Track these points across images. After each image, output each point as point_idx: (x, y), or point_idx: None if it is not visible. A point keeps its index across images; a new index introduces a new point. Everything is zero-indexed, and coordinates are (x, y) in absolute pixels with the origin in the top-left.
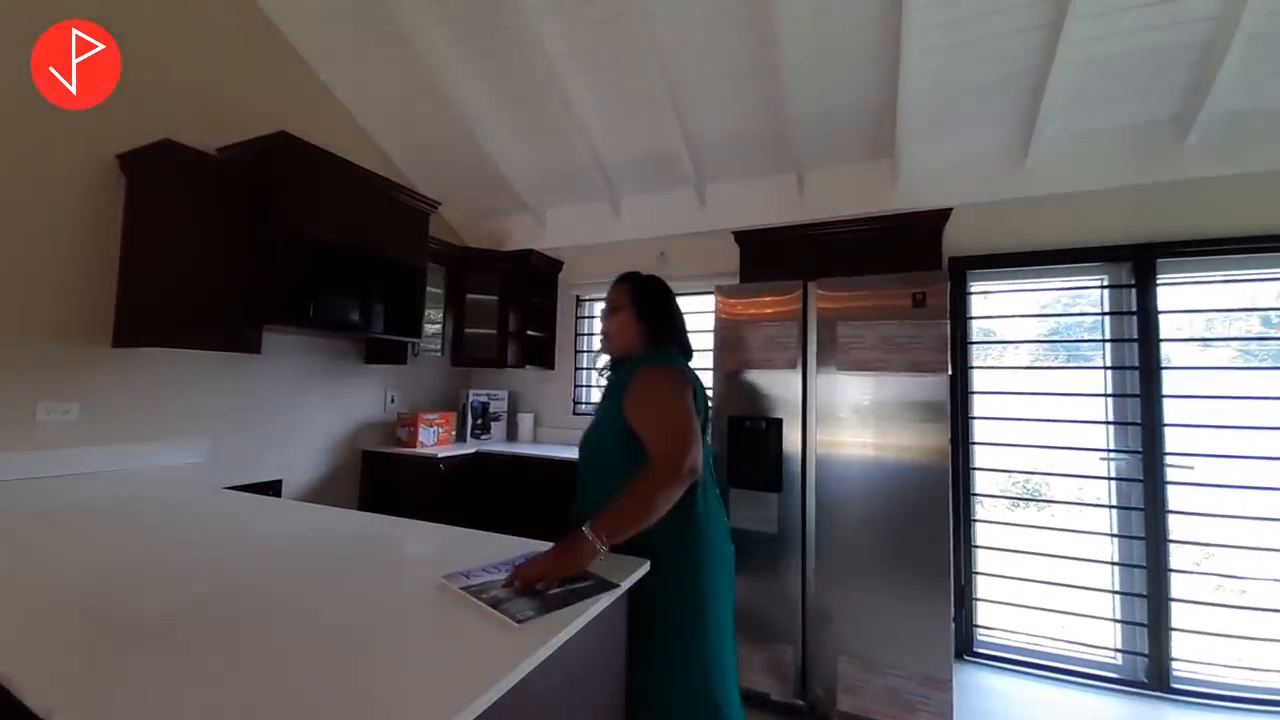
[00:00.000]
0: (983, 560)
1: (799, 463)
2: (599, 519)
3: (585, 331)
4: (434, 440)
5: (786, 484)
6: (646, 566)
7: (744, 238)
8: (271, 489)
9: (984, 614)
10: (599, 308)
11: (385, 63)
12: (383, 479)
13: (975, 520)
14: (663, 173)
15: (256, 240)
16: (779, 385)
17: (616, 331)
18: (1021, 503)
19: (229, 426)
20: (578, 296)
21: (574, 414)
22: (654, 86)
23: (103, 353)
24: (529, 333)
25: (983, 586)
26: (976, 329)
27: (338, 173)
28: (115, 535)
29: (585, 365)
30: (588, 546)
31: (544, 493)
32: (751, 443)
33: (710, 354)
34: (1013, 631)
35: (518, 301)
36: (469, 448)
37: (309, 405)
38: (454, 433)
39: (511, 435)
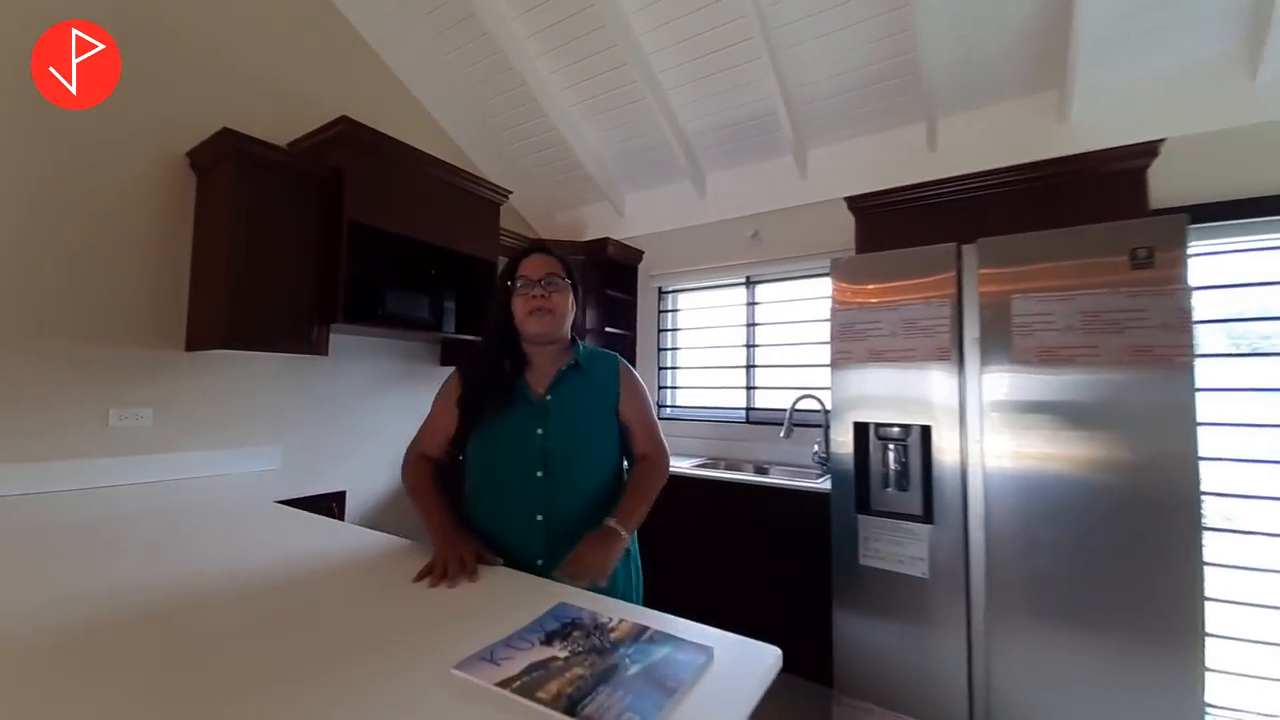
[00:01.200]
0: (1215, 616)
1: (958, 484)
2: (626, 513)
3: (669, 326)
4: None
5: (940, 512)
6: (779, 661)
7: (860, 205)
8: (335, 500)
9: (1216, 688)
10: (683, 300)
11: (452, 44)
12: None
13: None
14: (755, 141)
15: (321, 234)
16: (925, 382)
17: (567, 311)
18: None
19: (299, 433)
20: (660, 288)
21: (659, 418)
22: (745, 32)
23: (176, 357)
24: (607, 329)
25: (1215, 651)
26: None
27: (403, 160)
28: (102, 559)
29: (670, 364)
30: (621, 539)
31: None
32: (888, 457)
33: (827, 346)
34: (1257, 714)
35: (594, 296)
36: None
37: (381, 410)
38: None
39: None
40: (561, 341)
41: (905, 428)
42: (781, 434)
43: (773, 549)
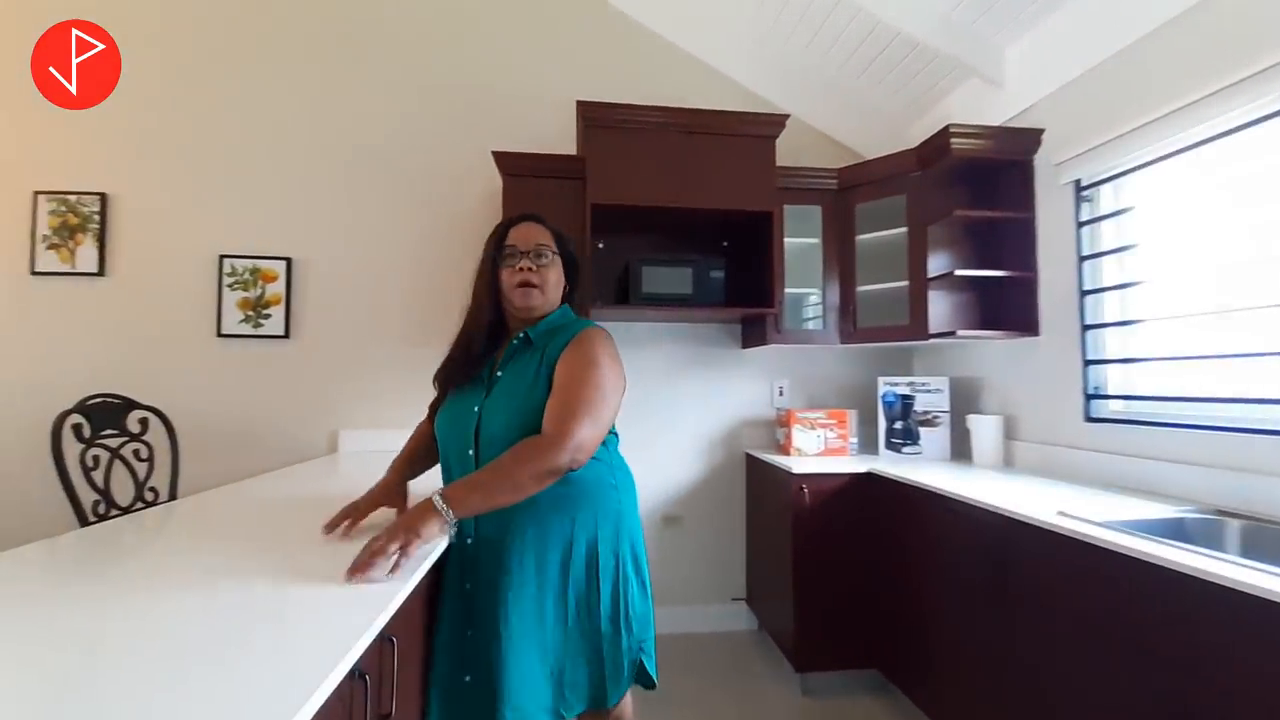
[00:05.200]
0: None
1: None
2: (454, 486)
3: (1097, 250)
4: (819, 448)
5: None
6: None
7: None
8: None
9: None
10: (1133, 189)
11: None
12: (758, 493)
13: None
14: None
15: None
16: None
17: (556, 285)
18: None
19: None
20: (1078, 183)
21: (1088, 419)
22: None
23: None
24: (960, 273)
25: None
26: None
27: (646, 122)
28: None
29: (1103, 320)
30: (429, 513)
31: (956, 572)
32: None
33: None
34: None
35: (942, 223)
36: (863, 464)
37: (674, 401)
38: (856, 440)
39: (960, 451)
40: (545, 315)
41: None
42: None
43: None
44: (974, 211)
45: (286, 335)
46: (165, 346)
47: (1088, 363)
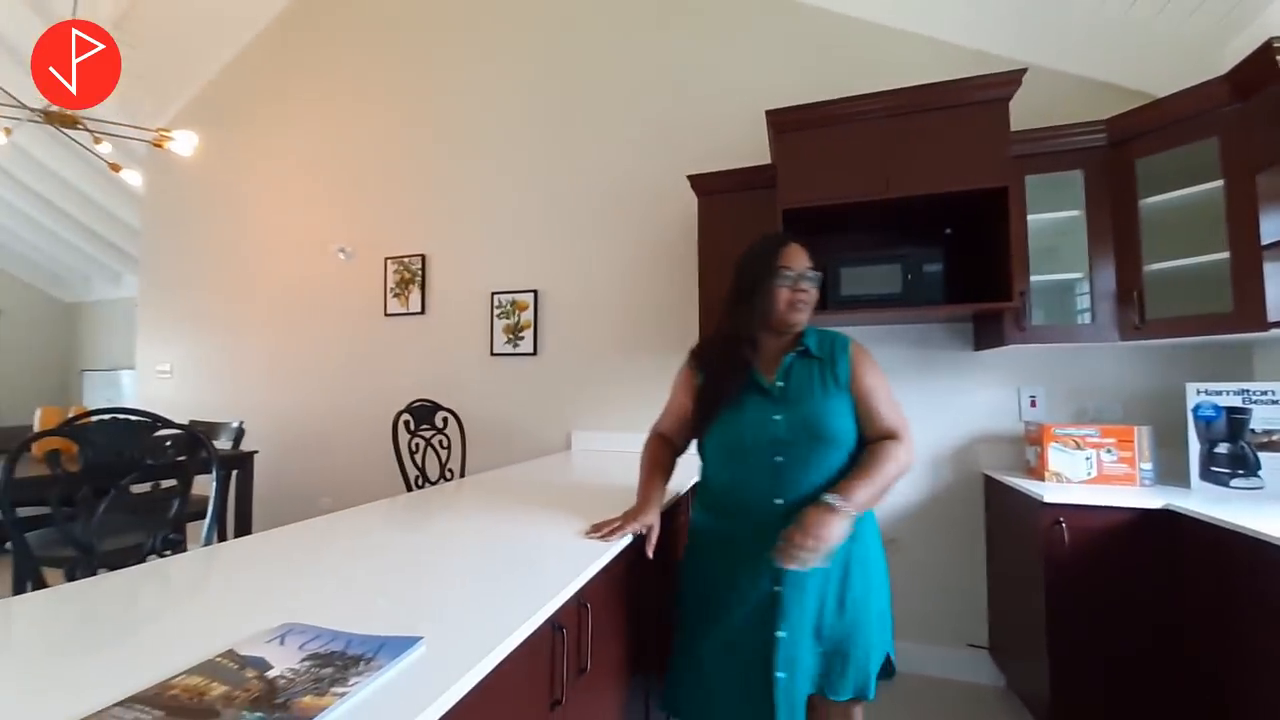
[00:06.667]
0: None
1: None
2: (846, 487)
3: None
4: (1088, 474)
5: None
6: None
7: None
8: None
9: None
10: None
11: None
12: (1000, 523)
13: None
14: None
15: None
16: None
17: (813, 303)
18: None
19: None
20: None
21: None
22: None
23: None
24: None
25: None
26: None
27: (842, 115)
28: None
29: None
30: (833, 512)
31: None
32: None
33: None
34: None
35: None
36: (1156, 497)
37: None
38: (1150, 466)
39: None
40: (797, 329)
41: None
42: None
43: None
44: None
45: (535, 353)
46: (458, 364)
47: None
